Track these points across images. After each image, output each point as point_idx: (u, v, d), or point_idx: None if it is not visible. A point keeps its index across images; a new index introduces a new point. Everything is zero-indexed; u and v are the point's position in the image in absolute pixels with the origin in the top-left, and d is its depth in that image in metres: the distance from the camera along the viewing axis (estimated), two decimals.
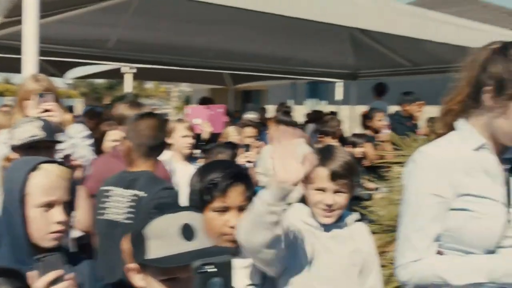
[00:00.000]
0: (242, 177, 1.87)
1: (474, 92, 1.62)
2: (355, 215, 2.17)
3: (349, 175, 2.03)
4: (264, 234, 1.64)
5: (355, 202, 2.51)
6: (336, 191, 2.02)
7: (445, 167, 1.59)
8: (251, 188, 1.87)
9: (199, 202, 1.83)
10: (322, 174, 2.01)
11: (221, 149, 3.66)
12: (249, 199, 1.81)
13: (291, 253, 1.94)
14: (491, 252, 1.56)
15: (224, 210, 1.81)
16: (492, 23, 6.98)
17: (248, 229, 1.67)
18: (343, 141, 5.32)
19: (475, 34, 5.08)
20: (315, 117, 8.37)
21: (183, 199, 2.36)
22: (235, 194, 1.81)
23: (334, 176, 2.00)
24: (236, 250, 1.79)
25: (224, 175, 1.83)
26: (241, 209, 1.80)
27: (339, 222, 2.09)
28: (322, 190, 2.02)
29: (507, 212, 1.58)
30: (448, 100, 1.71)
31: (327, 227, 2.06)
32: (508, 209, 1.59)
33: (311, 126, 7.68)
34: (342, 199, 2.04)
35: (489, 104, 1.59)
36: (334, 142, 4.85)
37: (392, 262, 1.71)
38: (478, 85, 1.61)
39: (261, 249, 1.68)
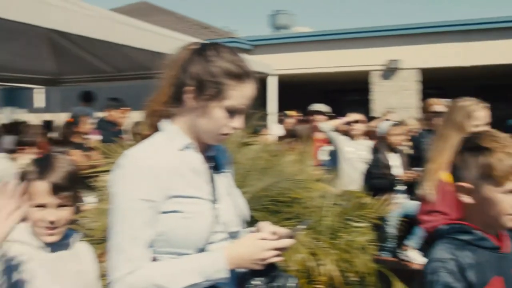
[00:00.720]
0: None
1: (176, 92, 1.62)
2: (79, 235, 2.02)
3: (73, 186, 1.86)
4: None
5: None
6: (59, 206, 1.83)
7: (152, 170, 1.54)
8: None
9: None
10: (42, 188, 1.79)
11: None
12: None
13: (10, 280, 1.69)
14: (202, 250, 1.59)
15: None
16: (186, 33, 7.50)
17: None
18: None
19: (172, 42, 5.33)
20: (12, 127, 7.64)
21: None
22: None
23: (56, 190, 1.80)
24: None
25: None
26: None
27: (63, 241, 1.91)
28: (43, 206, 1.81)
29: (213, 208, 1.63)
30: (151, 101, 1.69)
31: (51, 247, 1.86)
32: (214, 205, 1.64)
33: (8, 138, 6.97)
34: (66, 213, 1.86)
35: (191, 105, 1.61)
36: (38, 152, 4.47)
37: (105, 275, 1.61)
38: (179, 86, 1.61)
39: None
